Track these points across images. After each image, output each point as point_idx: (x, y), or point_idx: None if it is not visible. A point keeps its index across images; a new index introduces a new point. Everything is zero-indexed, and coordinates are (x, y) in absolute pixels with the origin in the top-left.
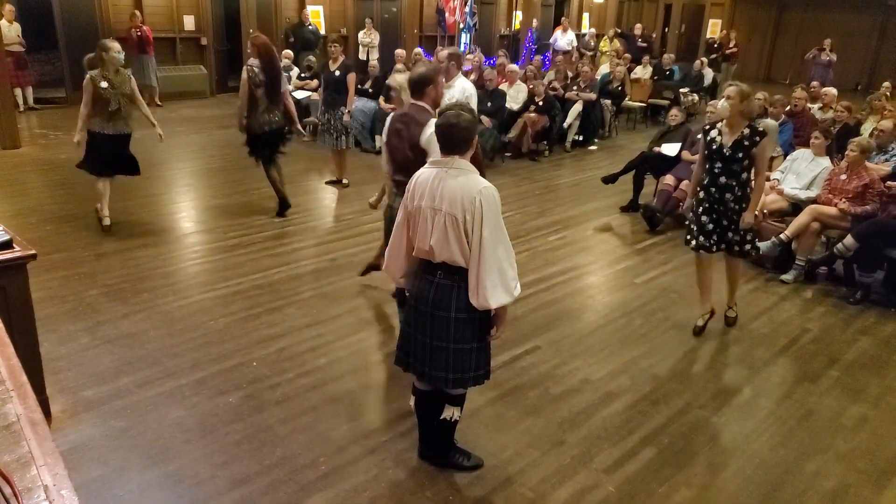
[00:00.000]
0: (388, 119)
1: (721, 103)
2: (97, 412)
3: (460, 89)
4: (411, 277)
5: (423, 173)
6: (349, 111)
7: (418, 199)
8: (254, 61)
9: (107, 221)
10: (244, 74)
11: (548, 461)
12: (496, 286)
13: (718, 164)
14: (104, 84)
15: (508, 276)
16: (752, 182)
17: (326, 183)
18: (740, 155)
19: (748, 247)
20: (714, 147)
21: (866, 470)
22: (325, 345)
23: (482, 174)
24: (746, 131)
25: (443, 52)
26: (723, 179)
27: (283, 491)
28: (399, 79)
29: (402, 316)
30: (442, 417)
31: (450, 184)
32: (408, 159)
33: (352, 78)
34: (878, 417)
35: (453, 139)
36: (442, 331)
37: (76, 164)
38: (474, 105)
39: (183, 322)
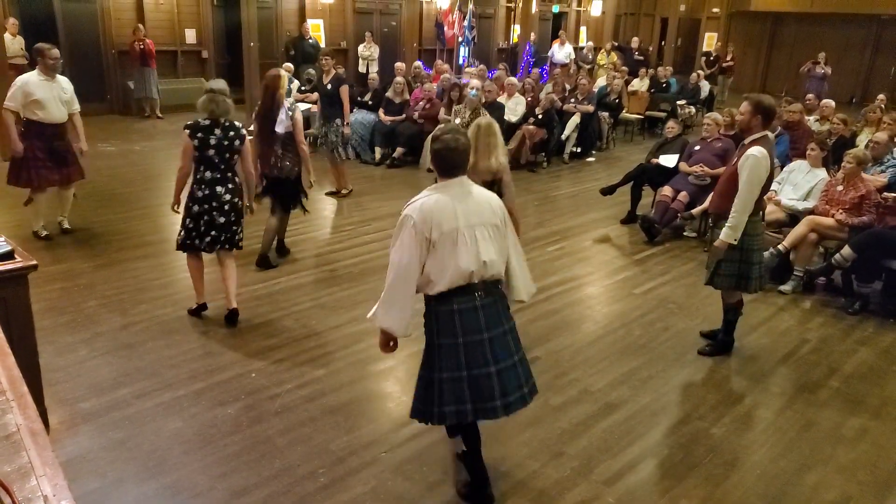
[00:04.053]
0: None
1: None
2: (95, 423)
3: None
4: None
5: (438, 200)
6: (348, 123)
7: (445, 224)
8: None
9: None
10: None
11: (547, 472)
12: (531, 282)
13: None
14: (457, 119)
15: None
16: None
17: (326, 194)
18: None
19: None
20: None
21: (867, 481)
22: (324, 356)
23: None
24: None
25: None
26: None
27: (281, 502)
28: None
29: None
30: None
31: (475, 198)
32: None
33: (345, 90)
34: (878, 428)
35: (456, 161)
36: (504, 349)
37: None
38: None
39: (181, 333)
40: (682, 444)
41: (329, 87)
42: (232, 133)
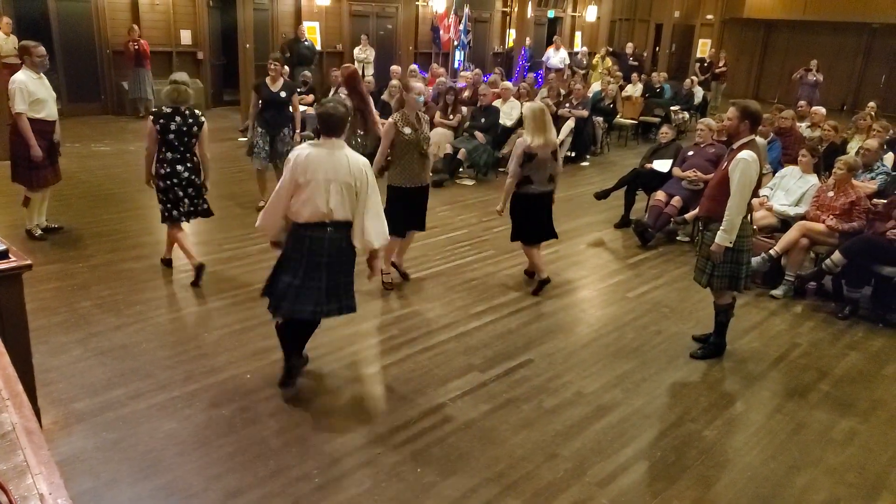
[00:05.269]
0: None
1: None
2: (89, 424)
3: None
4: (283, 234)
5: (313, 154)
6: (298, 131)
7: (311, 173)
8: (342, 90)
9: None
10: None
11: (541, 474)
12: (379, 232)
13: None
14: (407, 130)
15: (385, 226)
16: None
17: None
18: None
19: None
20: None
21: (856, 483)
22: (319, 357)
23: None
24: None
25: None
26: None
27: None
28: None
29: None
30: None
31: (339, 159)
32: None
33: (296, 98)
34: (867, 431)
35: (334, 124)
36: (336, 270)
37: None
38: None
39: (176, 334)
40: (674, 446)
41: (283, 94)
42: (191, 120)
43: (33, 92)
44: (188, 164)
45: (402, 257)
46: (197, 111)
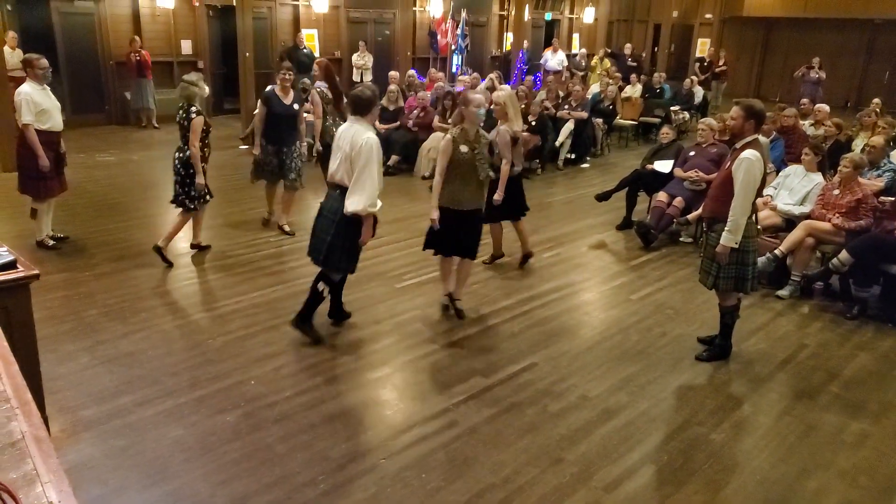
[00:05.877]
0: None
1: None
2: (96, 431)
3: None
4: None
5: (342, 127)
6: (303, 142)
7: (335, 141)
8: (320, 83)
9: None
10: (316, 97)
11: (547, 479)
12: (361, 199)
13: None
14: (464, 148)
15: (372, 195)
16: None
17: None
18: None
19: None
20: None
21: (868, 486)
22: (322, 363)
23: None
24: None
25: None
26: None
27: None
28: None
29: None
30: (320, 290)
31: (351, 133)
32: None
33: (303, 111)
34: (878, 433)
35: (360, 105)
36: (325, 228)
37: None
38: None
39: (181, 341)
40: (681, 449)
41: (295, 106)
42: (183, 114)
43: (39, 103)
44: (178, 154)
45: (460, 289)
46: (193, 108)
